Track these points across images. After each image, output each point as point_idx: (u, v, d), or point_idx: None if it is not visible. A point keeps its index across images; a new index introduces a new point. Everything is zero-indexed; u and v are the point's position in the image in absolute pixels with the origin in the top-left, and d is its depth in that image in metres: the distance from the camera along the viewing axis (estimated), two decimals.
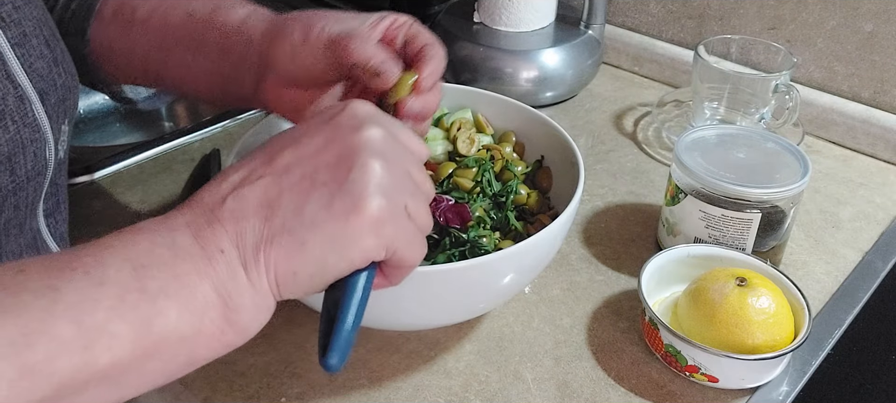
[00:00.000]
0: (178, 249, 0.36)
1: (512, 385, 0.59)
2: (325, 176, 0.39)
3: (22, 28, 0.50)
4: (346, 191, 0.38)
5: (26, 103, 0.49)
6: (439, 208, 0.61)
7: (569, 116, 0.95)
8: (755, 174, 0.65)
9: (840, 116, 0.89)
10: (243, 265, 0.37)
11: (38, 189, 0.53)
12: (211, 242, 0.37)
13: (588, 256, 0.72)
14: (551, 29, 0.98)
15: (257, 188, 0.39)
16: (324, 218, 0.38)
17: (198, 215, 0.38)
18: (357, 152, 0.39)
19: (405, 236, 0.40)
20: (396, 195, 0.40)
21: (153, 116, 1.15)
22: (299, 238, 0.38)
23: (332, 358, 0.39)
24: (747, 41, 0.87)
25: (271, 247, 0.38)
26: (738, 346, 0.56)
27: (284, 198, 0.38)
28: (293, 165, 0.39)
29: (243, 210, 0.38)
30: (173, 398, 0.58)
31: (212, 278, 0.37)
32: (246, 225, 0.38)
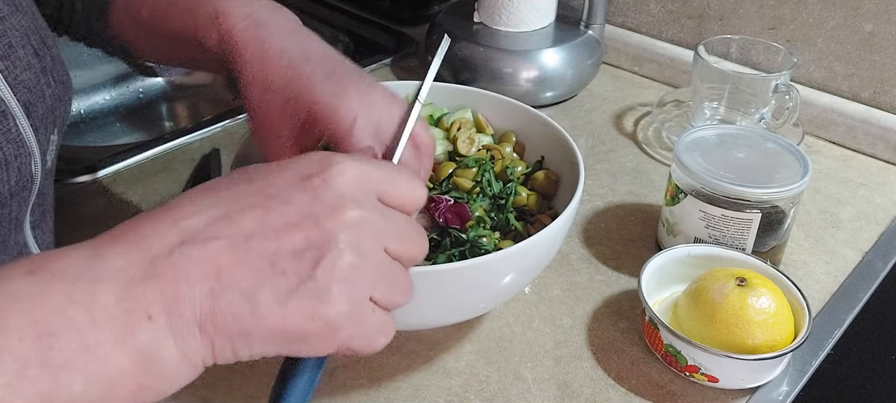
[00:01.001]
0: (96, 311, 0.32)
1: (512, 385, 0.59)
2: (286, 264, 0.35)
3: (7, 39, 0.49)
4: (306, 291, 0.35)
5: (10, 119, 0.48)
6: (439, 208, 0.61)
7: (569, 116, 0.95)
8: (755, 174, 0.65)
9: (840, 116, 0.89)
10: (174, 334, 0.34)
11: (22, 204, 0.51)
12: (140, 304, 0.33)
13: (588, 256, 0.72)
14: (551, 29, 0.98)
15: (210, 250, 0.34)
16: (274, 313, 0.34)
17: (134, 261, 0.34)
18: (328, 243, 0.35)
19: (363, 333, 0.37)
20: (363, 292, 0.36)
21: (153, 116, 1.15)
22: (244, 325, 0.34)
23: None
24: (747, 41, 0.87)
25: (212, 327, 0.34)
26: (738, 346, 0.56)
27: (237, 274, 0.34)
28: (256, 235, 0.35)
29: (188, 273, 0.34)
30: (172, 398, 0.57)
31: (130, 346, 0.33)
32: (186, 292, 0.34)
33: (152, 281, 0.33)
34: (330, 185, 0.37)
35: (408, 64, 1.06)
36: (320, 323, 0.35)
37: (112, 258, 0.34)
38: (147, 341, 0.33)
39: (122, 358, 0.33)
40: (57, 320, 0.32)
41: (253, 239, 0.35)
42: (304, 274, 0.35)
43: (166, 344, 0.34)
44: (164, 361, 0.34)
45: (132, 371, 0.33)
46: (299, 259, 0.35)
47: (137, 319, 0.33)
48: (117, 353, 0.33)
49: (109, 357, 0.32)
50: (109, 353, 0.32)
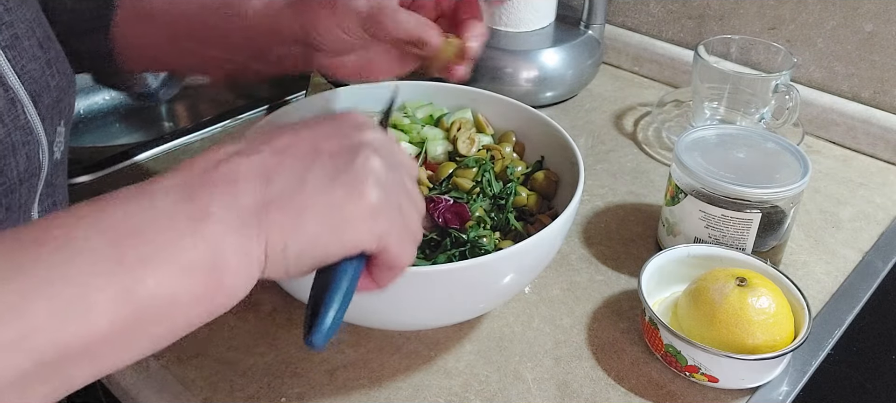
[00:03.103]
0: (157, 213, 0.35)
1: (512, 385, 0.59)
2: (326, 160, 0.39)
3: (14, 30, 0.50)
4: (347, 175, 0.39)
5: (18, 106, 0.49)
6: (438, 208, 0.61)
7: (569, 116, 0.95)
8: (755, 174, 0.65)
9: (840, 116, 0.89)
10: (233, 228, 0.36)
11: (31, 191, 0.52)
12: (200, 204, 0.36)
13: (588, 256, 0.72)
14: (551, 29, 0.98)
15: (255, 159, 0.38)
16: (324, 191, 0.38)
17: (187, 178, 0.37)
18: (359, 147, 0.40)
19: (398, 233, 0.40)
20: (393, 194, 0.40)
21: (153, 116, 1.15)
22: (298, 205, 0.37)
23: (317, 338, 0.39)
24: (747, 41, 0.87)
25: (267, 212, 0.37)
26: (738, 346, 0.56)
27: (285, 166, 0.38)
28: (293, 145, 0.39)
29: (239, 173, 0.37)
30: (173, 397, 0.58)
31: (197, 241, 0.35)
32: (241, 187, 0.37)
33: (207, 187, 0.36)
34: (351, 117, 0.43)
35: None
36: (363, 203, 0.38)
37: (162, 180, 0.37)
38: (209, 236, 0.35)
39: (189, 252, 0.35)
40: (123, 227, 0.34)
41: (292, 146, 0.39)
42: (343, 165, 0.39)
43: (226, 239, 0.36)
44: (227, 255, 0.36)
45: (201, 265, 0.35)
46: (335, 157, 0.39)
47: (200, 215, 0.35)
48: (185, 247, 0.35)
49: (178, 252, 0.35)
50: (178, 248, 0.35)
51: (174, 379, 0.59)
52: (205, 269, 0.35)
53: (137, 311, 0.34)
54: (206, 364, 0.60)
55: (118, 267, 0.33)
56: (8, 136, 0.48)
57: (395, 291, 0.53)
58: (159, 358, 0.60)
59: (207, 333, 0.62)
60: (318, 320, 0.39)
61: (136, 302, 0.33)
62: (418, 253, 0.60)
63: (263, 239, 0.37)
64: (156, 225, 0.35)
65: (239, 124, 0.90)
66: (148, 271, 0.34)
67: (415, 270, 0.52)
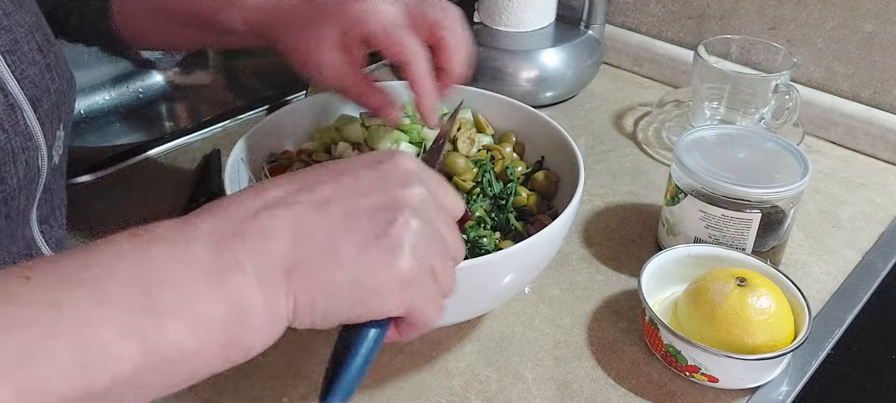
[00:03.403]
0: (193, 264, 0.35)
1: (512, 385, 0.59)
2: (364, 221, 0.38)
3: (13, 35, 0.50)
4: (381, 244, 0.38)
5: (17, 111, 0.49)
6: None
7: (569, 116, 0.95)
8: (755, 174, 0.65)
9: (840, 116, 0.89)
10: (262, 285, 0.36)
11: (30, 197, 0.52)
12: (231, 258, 0.36)
13: (588, 256, 0.72)
14: (551, 29, 0.98)
15: (292, 213, 0.38)
16: (355, 262, 0.38)
17: (223, 225, 0.37)
18: (399, 207, 0.39)
19: (426, 298, 0.40)
20: (427, 257, 0.40)
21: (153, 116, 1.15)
22: (327, 275, 0.37)
23: (335, 397, 0.39)
24: (747, 41, 0.87)
25: (297, 275, 0.37)
26: (738, 346, 0.57)
27: (319, 231, 0.38)
28: (333, 201, 0.39)
29: (274, 229, 0.37)
30: (175, 398, 0.57)
31: (224, 297, 0.35)
32: (273, 245, 0.37)
33: (240, 238, 0.36)
34: (396, 166, 0.41)
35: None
36: (394, 274, 0.38)
37: (200, 224, 0.37)
38: (238, 291, 0.36)
39: (216, 308, 0.35)
40: (159, 273, 0.34)
41: (331, 203, 0.39)
42: (379, 231, 0.38)
43: (255, 296, 0.36)
44: (252, 312, 0.36)
45: (225, 321, 0.35)
46: (373, 218, 0.39)
47: (230, 271, 0.36)
48: (213, 303, 0.35)
49: (206, 307, 0.35)
50: (206, 302, 0.35)
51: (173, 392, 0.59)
52: (229, 325, 0.36)
53: (159, 361, 0.34)
54: None
55: (147, 316, 0.34)
56: (8, 143, 0.48)
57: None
58: None
59: None
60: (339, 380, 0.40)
61: (160, 352, 0.34)
62: None
63: (292, 297, 0.37)
64: (190, 274, 0.35)
65: (239, 124, 0.90)
66: (174, 324, 0.34)
67: None
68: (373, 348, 0.41)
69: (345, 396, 0.39)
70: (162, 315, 0.34)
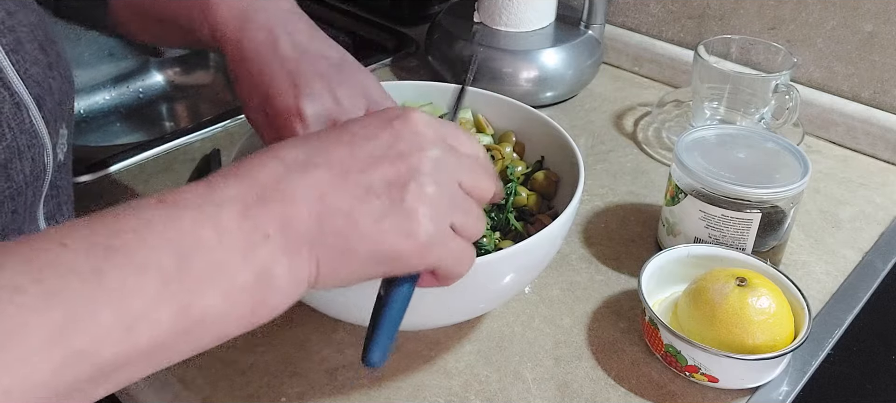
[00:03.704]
0: (221, 232, 0.36)
1: (512, 385, 0.59)
2: (380, 190, 0.39)
3: (16, 34, 0.50)
4: (398, 212, 0.39)
5: (23, 110, 0.49)
6: None
7: (569, 116, 0.95)
8: (755, 174, 0.65)
9: (840, 116, 0.89)
10: (286, 252, 0.37)
11: (36, 193, 0.53)
12: (258, 224, 0.37)
13: (588, 256, 0.72)
14: (551, 29, 0.98)
15: (311, 177, 0.39)
16: (374, 232, 0.39)
17: (248, 188, 0.38)
18: (414, 173, 0.40)
19: (450, 255, 0.42)
20: (446, 216, 0.41)
21: (153, 116, 1.15)
22: (349, 245, 0.39)
23: (374, 356, 0.41)
24: (747, 41, 0.87)
25: (320, 247, 0.38)
26: (738, 346, 0.56)
27: (339, 199, 0.39)
28: (350, 166, 0.40)
29: (297, 195, 0.38)
30: (173, 397, 0.58)
31: (253, 264, 0.37)
32: (297, 212, 0.38)
33: (265, 205, 0.37)
34: (410, 127, 0.42)
35: (408, 64, 1.06)
36: (412, 241, 0.39)
37: (225, 188, 0.38)
38: (265, 258, 0.37)
39: (245, 274, 0.36)
40: (190, 240, 0.35)
41: (350, 170, 0.39)
42: (395, 199, 0.39)
43: (280, 262, 0.37)
44: (277, 277, 0.37)
45: (253, 286, 0.37)
46: (390, 186, 0.40)
47: (257, 238, 0.37)
48: (242, 269, 0.36)
49: (236, 273, 0.36)
50: (236, 269, 0.36)
51: (174, 378, 0.59)
52: (257, 290, 0.37)
53: (192, 325, 0.35)
54: (206, 363, 0.60)
55: (181, 284, 0.35)
56: (14, 141, 0.48)
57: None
58: None
59: None
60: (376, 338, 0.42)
61: (193, 317, 0.35)
62: None
63: (315, 263, 0.38)
64: (220, 243, 0.36)
65: (239, 124, 0.90)
66: (207, 290, 0.35)
67: None
68: (404, 304, 0.43)
69: (384, 352, 0.42)
70: (195, 282, 0.35)
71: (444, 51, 0.97)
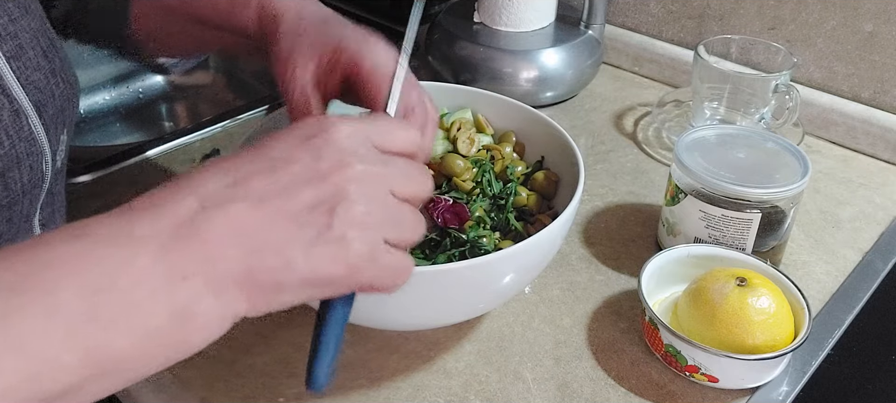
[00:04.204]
0: (136, 272, 0.34)
1: (512, 385, 0.59)
2: (305, 218, 0.37)
3: (18, 41, 0.50)
4: (326, 240, 0.37)
5: (22, 117, 0.49)
6: (437, 209, 0.61)
7: (569, 116, 0.95)
8: (755, 174, 0.65)
9: (840, 116, 0.89)
10: (213, 291, 0.36)
11: (33, 201, 0.52)
12: (175, 265, 0.35)
13: (588, 256, 0.72)
14: (551, 29, 0.98)
15: (231, 212, 0.36)
16: (304, 263, 0.37)
17: (161, 229, 0.36)
18: (338, 196, 0.38)
19: (383, 274, 0.40)
20: (377, 235, 0.39)
21: (153, 116, 1.15)
22: (279, 278, 0.37)
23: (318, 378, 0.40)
24: (747, 41, 0.87)
25: (250, 284, 0.36)
26: (738, 346, 0.56)
27: (264, 234, 0.37)
28: (271, 195, 0.37)
29: (213, 234, 0.36)
30: (170, 398, 0.58)
31: (169, 305, 0.35)
32: (218, 252, 0.36)
33: (182, 245, 0.35)
34: (330, 143, 0.39)
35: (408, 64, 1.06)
36: (343, 266, 0.38)
37: (140, 226, 0.36)
38: (184, 299, 0.35)
39: (162, 315, 0.35)
40: (103, 280, 0.34)
41: (269, 199, 0.37)
42: (322, 225, 0.37)
43: (204, 301, 0.36)
44: (200, 316, 0.36)
45: (171, 326, 0.35)
46: (315, 212, 0.37)
47: (173, 279, 0.35)
48: (158, 310, 0.35)
49: (151, 314, 0.34)
50: (151, 311, 0.34)
51: (172, 379, 0.59)
52: (175, 330, 0.35)
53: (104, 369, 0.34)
54: (203, 363, 0.60)
55: (90, 328, 0.33)
56: (13, 148, 0.48)
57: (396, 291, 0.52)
58: None
59: None
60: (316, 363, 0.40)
61: (103, 361, 0.34)
62: (418, 253, 0.60)
63: (246, 301, 0.37)
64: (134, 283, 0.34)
65: (239, 124, 0.90)
66: (119, 334, 0.34)
67: (416, 270, 0.51)
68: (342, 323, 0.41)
69: (326, 376, 0.40)
70: (107, 325, 0.33)
71: (444, 51, 0.97)
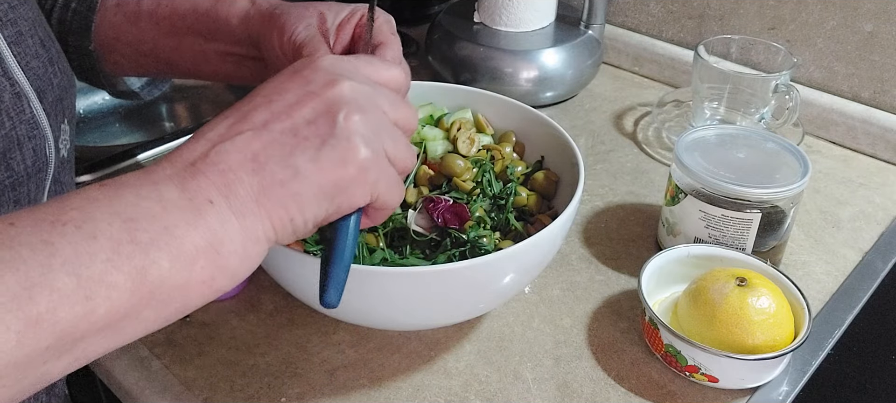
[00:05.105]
0: (165, 202, 0.37)
1: (512, 385, 0.59)
2: (306, 131, 0.40)
3: (18, 27, 0.50)
4: (331, 145, 0.39)
5: (23, 100, 0.50)
6: (438, 209, 0.61)
7: (569, 116, 0.95)
8: (755, 174, 0.65)
9: (840, 116, 0.89)
10: (236, 214, 0.38)
11: (39, 186, 0.53)
12: (198, 194, 0.37)
13: (588, 256, 0.72)
14: (551, 29, 0.98)
15: (238, 142, 0.39)
16: (313, 171, 0.39)
17: (179, 169, 0.38)
18: (335, 107, 0.40)
19: (387, 180, 0.42)
20: (377, 142, 0.41)
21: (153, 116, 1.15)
22: (292, 189, 0.39)
23: (331, 296, 0.42)
24: (747, 41, 0.87)
25: (267, 199, 0.38)
26: (738, 346, 0.56)
27: (270, 151, 0.39)
28: (271, 121, 0.40)
29: (227, 163, 0.38)
30: (174, 398, 0.58)
31: (201, 229, 0.37)
32: (233, 177, 0.38)
33: (200, 176, 0.38)
34: (318, 69, 0.42)
35: (408, 64, 1.06)
36: (352, 167, 0.40)
37: (159, 170, 0.38)
38: (213, 221, 0.37)
39: (196, 238, 0.37)
40: (134, 209, 0.36)
41: (270, 123, 0.40)
42: (325, 134, 0.40)
43: (230, 223, 0.38)
44: (231, 239, 0.38)
45: (206, 249, 0.37)
46: (315, 125, 0.40)
47: (200, 204, 0.37)
48: (191, 233, 0.36)
49: (186, 237, 0.36)
50: (185, 233, 0.36)
51: (175, 380, 0.59)
52: (210, 253, 0.37)
53: (151, 291, 0.35)
54: (207, 364, 0.60)
55: (132, 248, 0.35)
56: (14, 130, 0.49)
57: (396, 292, 0.53)
58: (161, 358, 0.60)
59: (208, 333, 0.63)
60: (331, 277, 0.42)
61: (151, 282, 0.35)
62: (418, 253, 0.60)
63: (268, 220, 0.39)
64: (164, 210, 0.36)
65: None
66: (159, 255, 0.35)
67: (415, 270, 0.52)
68: (353, 238, 0.43)
69: (339, 291, 0.42)
70: (147, 247, 0.35)
71: (444, 51, 0.97)
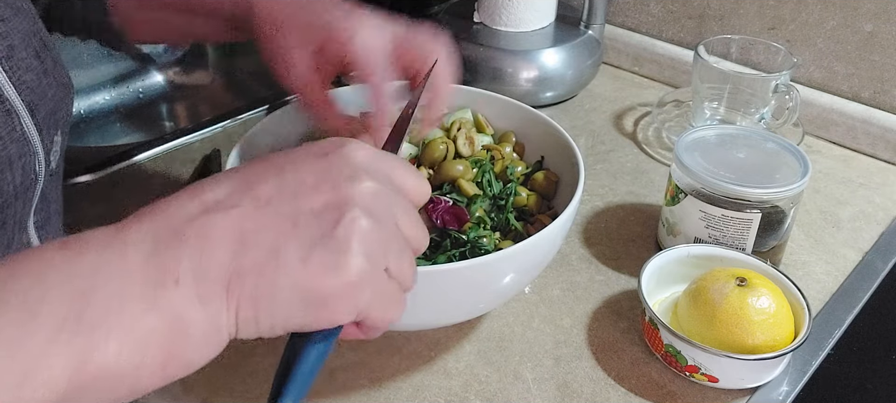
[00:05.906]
0: (126, 274, 0.33)
1: (512, 385, 0.59)
2: (307, 221, 0.36)
3: (9, 41, 0.49)
4: (327, 247, 0.35)
5: (14, 117, 0.48)
6: (437, 210, 0.61)
7: (569, 116, 0.95)
8: (755, 174, 0.65)
9: (840, 116, 0.89)
10: (200, 298, 0.34)
11: (27, 204, 0.51)
12: (167, 268, 0.34)
13: (588, 256, 0.72)
14: (551, 29, 0.98)
15: (231, 216, 0.35)
16: (296, 268, 0.35)
17: (159, 230, 0.35)
18: (346, 205, 0.36)
19: (381, 301, 0.37)
20: (380, 256, 0.37)
21: (153, 116, 1.15)
22: (267, 281, 0.35)
23: None
24: (747, 41, 0.87)
25: (238, 287, 0.35)
26: (738, 346, 0.56)
27: (260, 235, 0.35)
28: (274, 198, 0.36)
29: (211, 238, 0.34)
30: (172, 399, 0.58)
31: (161, 309, 0.33)
32: (211, 255, 0.34)
33: (177, 246, 0.34)
34: (345, 159, 0.38)
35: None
36: (342, 280, 0.35)
37: (136, 229, 0.35)
38: (174, 304, 0.34)
39: (151, 321, 0.33)
40: (89, 282, 0.33)
41: (272, 202, 0.36)
42: (325, 231, 0.35)
43: (193, 309, 0.34)
44: (190, 326, 0.34)
45: (161, 335, 0.33)
46: (319, 218, 0.36)
47: (164, 283, 0.34)
48: (147, 315, 0.33)
49: (139, 319, 0.33)
50: (139, 315, 0.33)
51: (175, 383, 0.58)
52: (165, 339, 0.34)
53: (93, 378, 0.32)
54: (206, 367, 0.59)
55: (78, 332, 0.32)
56: (4, 150, 0.47)
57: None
58: None
59: None
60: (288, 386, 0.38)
61: (95, 367, 0.32)
62: None
63: (233, 310, 0.35)
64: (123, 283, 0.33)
65: (238, 124, 0.90)
66: (105, 339, 0.32)
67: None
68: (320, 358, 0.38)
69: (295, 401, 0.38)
70: (93, 330, 0.32)
71: None
